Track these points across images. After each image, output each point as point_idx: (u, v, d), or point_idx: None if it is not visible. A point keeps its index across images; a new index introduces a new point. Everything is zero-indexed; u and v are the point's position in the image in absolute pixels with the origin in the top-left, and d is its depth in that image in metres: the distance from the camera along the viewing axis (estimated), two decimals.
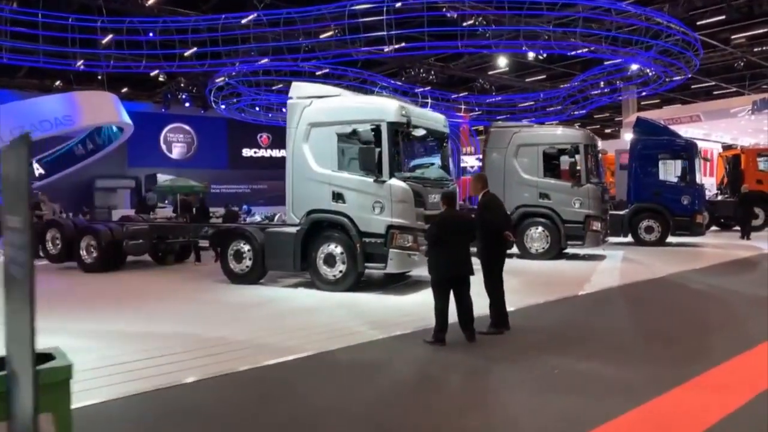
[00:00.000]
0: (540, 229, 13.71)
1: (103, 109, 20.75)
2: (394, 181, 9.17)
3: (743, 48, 27.04)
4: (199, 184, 24.07)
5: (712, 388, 5.06)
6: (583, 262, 13.70)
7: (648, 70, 23.38)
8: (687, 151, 16.94)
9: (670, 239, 16.83)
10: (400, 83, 27.00)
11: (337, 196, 9.55)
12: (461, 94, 31.69)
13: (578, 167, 13.29)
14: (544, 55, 22.83)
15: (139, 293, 10.22)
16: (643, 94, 28.40)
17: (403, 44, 19.44)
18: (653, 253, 15.01)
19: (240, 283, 10.51)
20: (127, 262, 13.56)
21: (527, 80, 33.21)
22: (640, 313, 8.64)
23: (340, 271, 9.57)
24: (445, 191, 6.87)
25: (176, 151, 35.31)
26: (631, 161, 17.32)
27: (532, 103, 30.98)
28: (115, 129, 24.98)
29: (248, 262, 10.52)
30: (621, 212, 17.01)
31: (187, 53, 20.74)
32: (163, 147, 34.85)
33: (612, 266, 13.00)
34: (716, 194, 23.37)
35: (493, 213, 7.01)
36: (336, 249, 9.58)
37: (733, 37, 26.47)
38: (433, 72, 27.87)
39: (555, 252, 13.65)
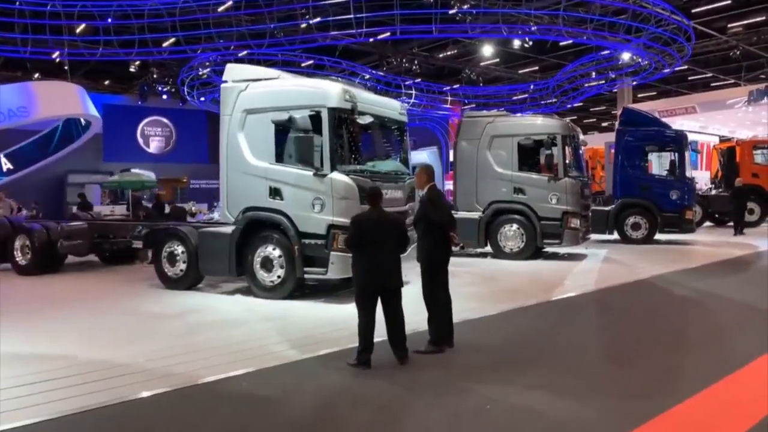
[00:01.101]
0: (514, 226, 12.67)
1: (64, 101, 19.46)
2: (336, 175, 8.12)
3: (739, 36, 25.96)
4: (152, 179, 22.76)
5: (687, 427, 4.04)
6: (561, 262, 12.68)
7: (638, 58, 22.28)
8: (676, 142, 15.88)
9: (659, 237, 15.84)
10: (382, 74, 25.85)
11: (275, 192, 8.50)
12: (455, 86, 30.48)
13: (555, 160, 12.24)
14: (530, 42, 21.71)
15: (55, 300, 9.14)
16: (634, 83, 27.28)
17: (387, 34, 18.41)
18: (639, 251, 14.02)
19: (174, 289, 9.46)
20: (74, 262, 12.54)
21: (519, 72, 32.05)
22: (614, 323, 7.63)
23: (279, 277, 8.53)
24: (370, 187, 5.82)
25: (154, 145, 34.17)
26: (616, 154, 16.25)
27: (525, 95, 29.81)
28: (84, 122, 23.84)
29: (182, 266, 9.46)
30: (606, 208, 15.98)
31: (165, 44, 19.70)
32: (140, 141, 33.73)
33: (591, 267, 11.98)
34: (710, 188, 22.33)
35: (438, 209, 6.04)
36: (274, 252, 8.54)
37: (729, 25, 25.40)
38: (416, 62, 26.65)
39: (531, 251, 12.63)
